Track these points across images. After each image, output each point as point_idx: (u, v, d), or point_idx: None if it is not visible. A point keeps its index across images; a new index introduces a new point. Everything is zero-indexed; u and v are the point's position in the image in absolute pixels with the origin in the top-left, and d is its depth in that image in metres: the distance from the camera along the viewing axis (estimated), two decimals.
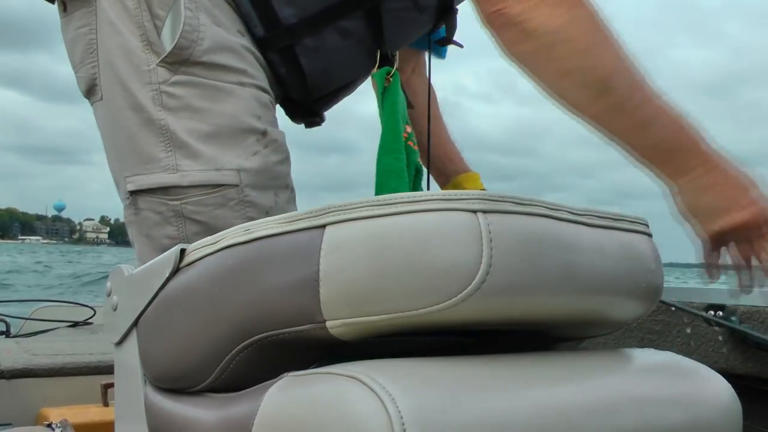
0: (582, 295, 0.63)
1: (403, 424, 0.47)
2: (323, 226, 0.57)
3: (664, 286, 0.73)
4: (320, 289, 0.55)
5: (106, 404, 1.32)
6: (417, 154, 1.09)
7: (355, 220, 0.55)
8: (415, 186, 1.09)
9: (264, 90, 0.96)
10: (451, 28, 1.17)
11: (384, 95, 1.05)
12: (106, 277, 0.76)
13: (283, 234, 0.59)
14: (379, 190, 1.03)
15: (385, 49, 1.04)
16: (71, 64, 0.99)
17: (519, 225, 0.56)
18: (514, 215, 0.56)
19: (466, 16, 1.04)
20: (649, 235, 0.71)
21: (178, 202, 0.90)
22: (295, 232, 0.58)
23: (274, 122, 0.98)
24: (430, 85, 1.23)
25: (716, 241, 0.97)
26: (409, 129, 1.09)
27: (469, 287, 0.53)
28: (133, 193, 0.92)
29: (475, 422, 0.50)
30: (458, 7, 1.14)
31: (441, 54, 1.24)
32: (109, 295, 0.75)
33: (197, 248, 0.66)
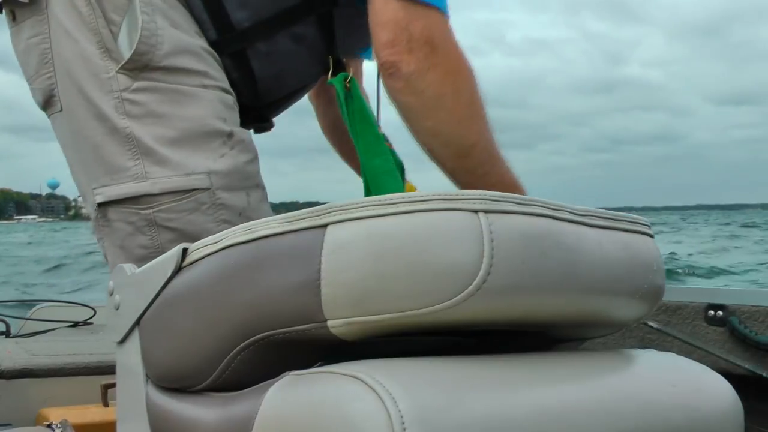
0: (583, 296, 0.63)
1: (403, 423, 0.47)
2: (325, 226, 0.57)
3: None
4: (321, 288, 0.56)
5: (106, 404, 1.31)
6: (395, 152, 1.09)
7: (357, 220, 0.56)
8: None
9: (226, 91, 0.95)
10: None
11: (347, 101, 1.04)
12: None
13: (284, 233, 0.59)
14: (377, 193, 1.02)
15: (336, 54, 1.05)
16: (25, 77, 0.97)
17: (520, 225, 0.56)
18: (515, 215, 0.56)
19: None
20: (651, 236, 0.71)
21: (150, 211, 0.89)
22: (296, 232, 0.58)
23: (238, 123, 0.97)
24: (378, 88, 1.23)
25: None
26: (381, 130, 1.09)
27: (470, 287, 0.53)
28: (102, 204, 0.90)
29: (475, 422, 0.50)
30: None
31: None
32: (111, 295, 0.75)
33: (199, 248, 0.66)
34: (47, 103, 0.95)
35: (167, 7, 0.92)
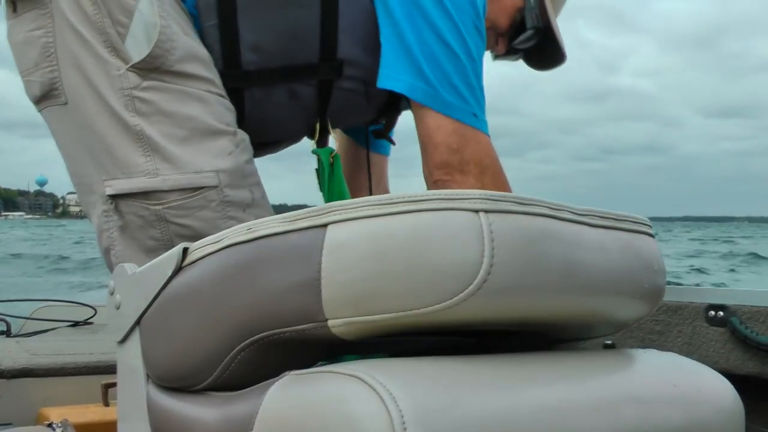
0: (583, 296, 0.63)
1: (404, 422, 0.47)
2: (325, 226, 0.57)
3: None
4: (322, 288, 0.56)
5: (106, 404, 1.31)
6: None
7: (357, 220, 0.56)
8: None
9: (226, 98, 0.98)
10: (390, 125, 1.22)
11: (330, 178, 1.10)
12: None
13: (284, 233, 0.59)
14: None
15: (325, 121, 1.08)
16: (19, 68, 0.98)
17: (521, 224, 0.56)
18: (515, 215, 0.56)
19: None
20: (652, 236, 0.71)
21: (159, 207, 0.91)
22: (296, 231, 0.58)
23: (236, 126, 0.99)
24: (369, 172, 1.27)
25: None
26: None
27: (471, 287, 0.53)
28: (113, 197, 0.92)
29: (475, 421, 0.50)
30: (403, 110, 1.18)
31: (385, 149, 1.32)
32: (112, 294, 0.75)
33: (199, 247, 0.66)
34: (46, 96, 0.96)
35: (178, 15, 0.95)
